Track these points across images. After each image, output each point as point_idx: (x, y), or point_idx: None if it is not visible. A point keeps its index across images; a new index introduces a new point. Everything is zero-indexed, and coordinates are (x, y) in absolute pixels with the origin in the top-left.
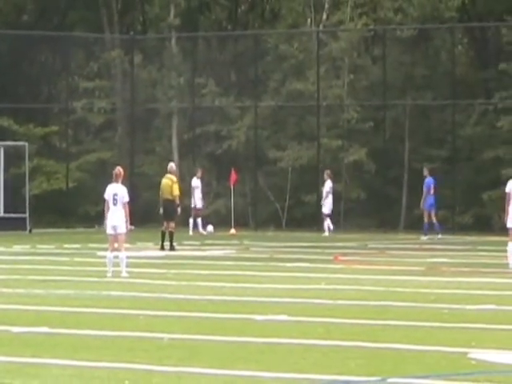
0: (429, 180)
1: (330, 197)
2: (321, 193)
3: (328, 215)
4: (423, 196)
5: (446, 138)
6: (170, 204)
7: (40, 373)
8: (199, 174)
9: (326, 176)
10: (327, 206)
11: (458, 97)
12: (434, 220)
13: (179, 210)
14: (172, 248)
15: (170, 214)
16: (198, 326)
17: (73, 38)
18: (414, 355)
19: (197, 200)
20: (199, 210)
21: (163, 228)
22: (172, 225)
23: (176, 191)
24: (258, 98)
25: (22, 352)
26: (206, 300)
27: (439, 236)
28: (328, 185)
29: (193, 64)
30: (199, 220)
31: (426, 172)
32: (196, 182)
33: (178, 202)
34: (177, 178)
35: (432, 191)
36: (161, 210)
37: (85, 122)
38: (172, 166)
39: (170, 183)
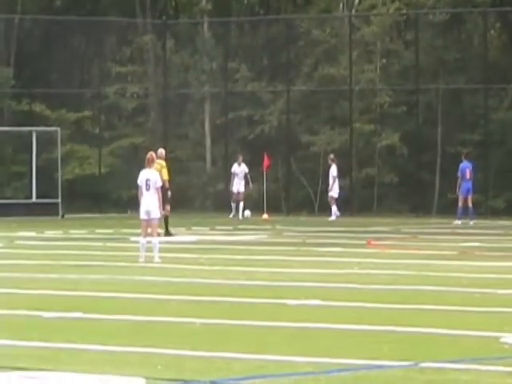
0: (464, 165)
1: (337, 181)
2: (332, 178)
3: (336, 200)
4: (458, 181)
5: (478, 122)
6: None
7: (73, 358)
8: (240, 160)
9: (329, 161)
10: (335, 191)
11: (490, 81)
12: (470, 205)
13: (169, 193)
14: (167, 233)
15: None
16: (231, 311)
17: (105, 23)
18: (447, 339)
19: (238, 185)
20: (240, 194)
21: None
22: (167, 208)
23: (165, 176)
24: (290, 82)
25: (54, 338)
26: (238, 285)
27: (472, 222)
28: (334, 169)
29: (225, 49)
30: (241, 204)
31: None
32: (236, 169)
33: (167, 186)
34: (166, 163)
35: (468, 176)
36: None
37: (117, 107)
38: (161, 151)
39: (159, 168)
